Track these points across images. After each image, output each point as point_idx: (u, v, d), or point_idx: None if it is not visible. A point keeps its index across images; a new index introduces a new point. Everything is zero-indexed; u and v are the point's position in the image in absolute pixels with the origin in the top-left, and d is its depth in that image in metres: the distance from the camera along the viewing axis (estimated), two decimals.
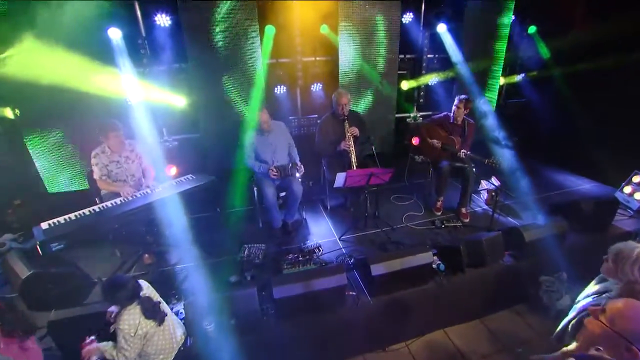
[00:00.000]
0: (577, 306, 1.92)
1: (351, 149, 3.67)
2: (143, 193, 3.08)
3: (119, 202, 2.91)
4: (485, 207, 4.29)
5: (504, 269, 3.16)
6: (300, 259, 3.11)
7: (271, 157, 3.66)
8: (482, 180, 4.41)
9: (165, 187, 3.14)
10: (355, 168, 3.64)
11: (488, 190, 4.33)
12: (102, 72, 3.33)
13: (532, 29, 5.03)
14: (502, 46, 4.99)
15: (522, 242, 3.11)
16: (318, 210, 4.24)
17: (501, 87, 5.52)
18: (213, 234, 3.74)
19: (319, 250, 3.36)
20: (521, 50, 5.28)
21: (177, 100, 4.15)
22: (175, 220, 3.65)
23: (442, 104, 5.13)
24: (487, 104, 4.84)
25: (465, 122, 3.97)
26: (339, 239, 3.63)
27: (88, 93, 3.28)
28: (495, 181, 4.17)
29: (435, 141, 3.96)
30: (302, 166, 3.57)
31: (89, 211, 2.75)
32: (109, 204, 2.88)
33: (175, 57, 4.02)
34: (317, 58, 4.55)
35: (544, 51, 4.99)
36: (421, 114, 5.27)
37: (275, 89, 4.46)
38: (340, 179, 3.27)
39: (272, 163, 3.61)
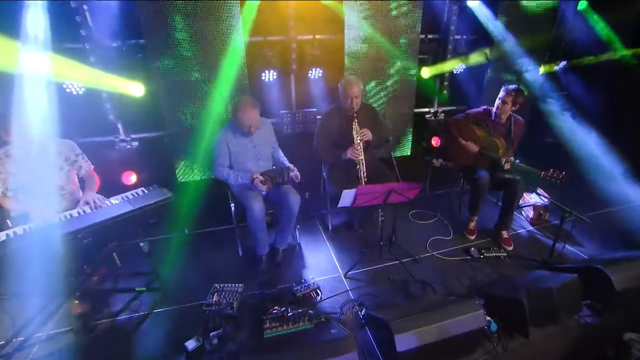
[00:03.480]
0: None
1: (360, 158, 2.71)
2: (67, 216, 2.13)
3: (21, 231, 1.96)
4: (530, 228, 3.36)
5: (581, 329, 2.22)
6: (289, 313, 2.17)
7: (255, 165, 2.71)
8: (525, 194, 3.47)
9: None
10: (364, 184, 2.68)
11: (535, 207, 3.38)
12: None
13: (582, 4, 4.07)
14: (548, 25, 4.04)
15: (609, 289, 2.19)
16: (316, 232, 3.29)
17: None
18: (176, 266, 2.82)
19: (317, 295, 2.45)
20: (567, 31, 4.30)
21: (134, 88, 3.18)
22: (121, 248, 2.77)
23: (470, 97, 4.19)
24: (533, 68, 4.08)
25: (511, 119, 3.01)
26: (345, 275, 2.68)
27: None
28: (544, 194, 3.21)
29: (471, 144, 3.01)
30: (296, 169, 2.64)
31: None
32: (10, 232, 1.94)
33: (129, 31, 3.05)
34: (317, 36, 3.59)
35: (604, 31, 4.01)
36: (443, 108, 4.30)
37: (263, 74, 3.49)
38: (347, 197, 2.32)
39: None
